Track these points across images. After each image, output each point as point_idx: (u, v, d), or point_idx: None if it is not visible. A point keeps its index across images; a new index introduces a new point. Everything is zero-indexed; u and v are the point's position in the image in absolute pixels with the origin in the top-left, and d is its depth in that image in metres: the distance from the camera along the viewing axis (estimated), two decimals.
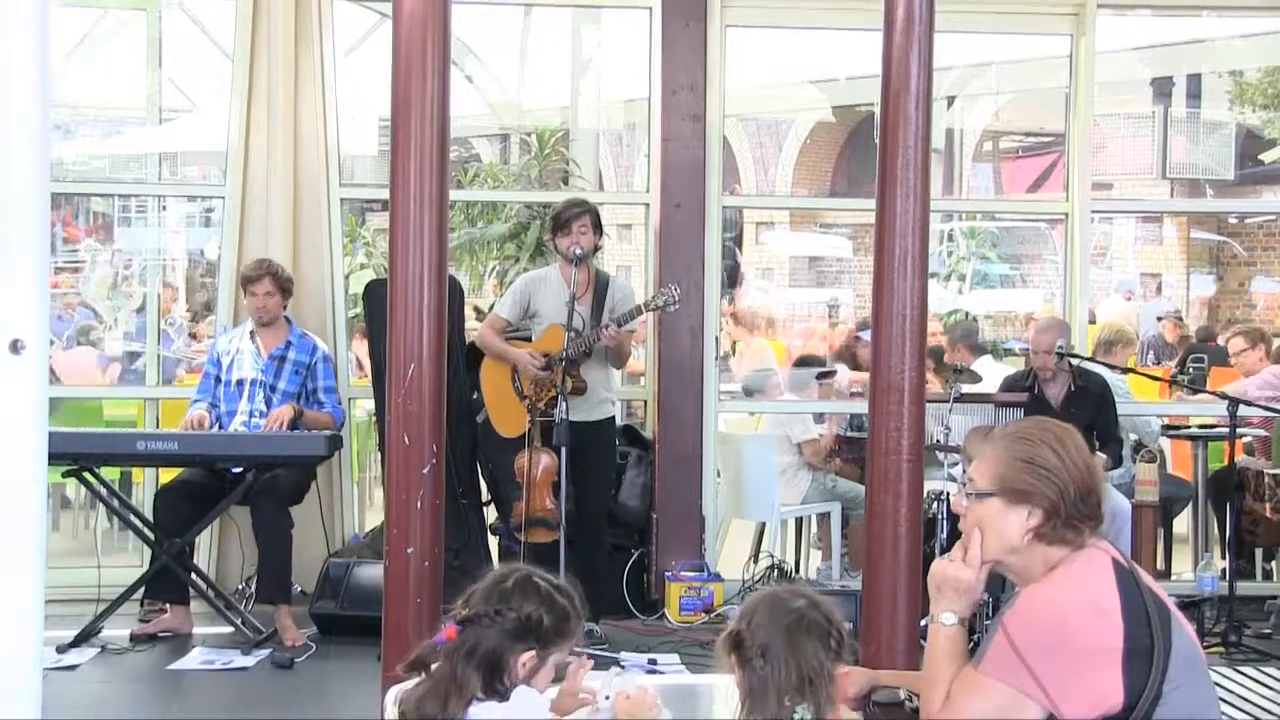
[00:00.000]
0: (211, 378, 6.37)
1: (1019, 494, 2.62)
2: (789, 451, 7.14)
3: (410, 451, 4.10)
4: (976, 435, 2.82)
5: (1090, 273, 7.38)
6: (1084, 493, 2.61)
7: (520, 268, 11.48)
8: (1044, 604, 2.55)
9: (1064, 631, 2.49)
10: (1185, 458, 7.89)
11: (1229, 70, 15.14)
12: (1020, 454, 2.64)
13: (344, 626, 5.98)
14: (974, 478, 2.70)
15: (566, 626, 2.50)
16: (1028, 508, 2.61)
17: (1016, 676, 2.48)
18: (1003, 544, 2.64)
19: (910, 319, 4.21)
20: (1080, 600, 2.53)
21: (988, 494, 2.65)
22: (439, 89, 4.15)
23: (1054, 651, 2.47)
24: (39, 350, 1.75)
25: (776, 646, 2.39)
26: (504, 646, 2.45)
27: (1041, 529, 2.60)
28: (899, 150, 4.22)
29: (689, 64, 6.81)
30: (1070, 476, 2.60)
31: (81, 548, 7.44)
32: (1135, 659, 2.48)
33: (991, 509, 2.64)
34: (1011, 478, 2.63)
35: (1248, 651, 5.90)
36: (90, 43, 10.79)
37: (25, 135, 1.75)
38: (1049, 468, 2.61)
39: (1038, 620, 2.52)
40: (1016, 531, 2.62)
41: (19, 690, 1.72)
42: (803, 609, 2.43)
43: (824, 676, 2.39)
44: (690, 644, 6.00)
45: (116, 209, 13.02)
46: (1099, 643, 2.48)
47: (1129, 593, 2.56)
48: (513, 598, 2.47)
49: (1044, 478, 2.60)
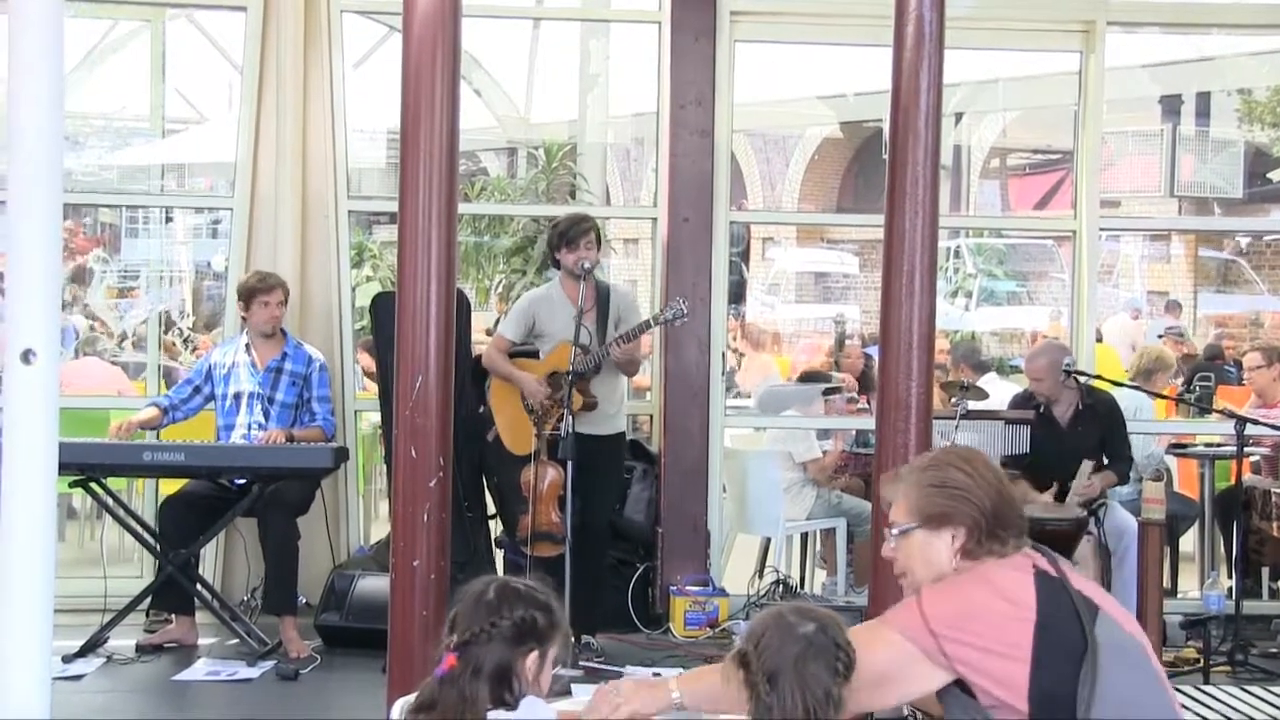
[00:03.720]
0: (190, 385, 6.33)
1: (938, 518, 2.69)
2: (793, 468, 7.13)
3: (417, 464, 4.11)
4: (887, 479, 2.86)
5: (1097, 291, 7.37)
6: (1001, 504, 2.69)
7: (527, 281, 11.50)
8: (965, 580, 2.64)
9: (974, 600, 2.59)
10: (1192, 476, 7.87)
11: (1238, 88, 15.15)
12: (930, 480, 2.72)
13: (349, 638, 5.97)
14: (893, 518, 2.77)
15: (555, 618, 2.54)
16: (950, 530, 2.69)
17: (911, 626, 2.58)
18: (934, 571, 2.70)
19: (918, 336, 4.21)
20: (995, 585, 2.62)
21: (910, 528, 2.72)
22: (448, 102, 4.16)
23: (957, 616, 2.57)
24: (49, 360, 1.76)
25: (784, 676, 2.38)
26: (507, 655, 2.47)
27: (968, 546, 2.67)
28: (908, 166, 4.23)
29: (697, 79, 6.82)
30: (984, 491, 2.69)
31: (88, 558, 7.45)
32: (1046, 651, 2.53)
33: (916, 542, 2.72)
34: (927, 505, 2.70)
35: (1254, 670, 5.87)
36: (99, 54, 10.84)
37: (38, 147, 1.76)
38: (961, 486, 2.69)
39: (952, 589, 2.63)
40: (945, 556, 2.69)
41: (28, 700, 1.72)
42: (810, 635, 2.41)
43: (831, 703, 2.38)
44: (695, 658, 5.97)
45: (124, 220, 13.06)
46: (1004, 621, 2.56)
47: (1047, 588, 2.62)
48: (502, 607, 2.50)
49: (958, 497, 2.68)
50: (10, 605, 1.75)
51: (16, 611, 1.74)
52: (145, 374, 7.96)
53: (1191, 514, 7.42)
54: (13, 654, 1.73)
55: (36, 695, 1.73)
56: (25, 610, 1.74)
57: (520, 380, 5.95)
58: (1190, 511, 7.42)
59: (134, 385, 8.54)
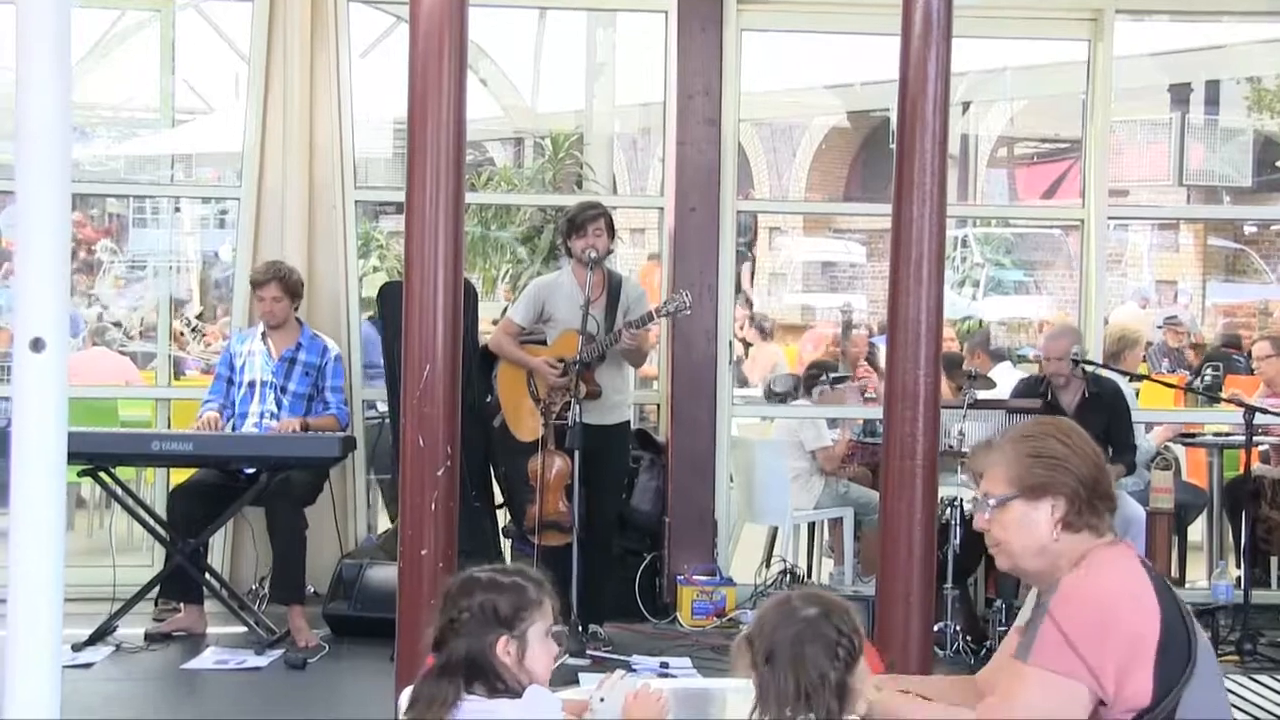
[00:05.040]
0: (224, 379, 6.38)
1: (1038, 489, 2.63)
2: (802, 457, 7.12)
3: (425, 454, 4.11)
4: (979, 450, 2.81)
5: (1105, 280, 7.35)
6: (1099, 475, 2.64)
7: (534, 271, 11.49)
8: (1091, 590, 2.55)
9: (1114, 615, 2.51)
10: (1200, 465, 7.86)
11: (1247, 76, 15.08)
12: (1028, 450, 2.66)
13: (357, 627, 5.98)
14: (988, 489, 2.70)
15: (524, 598, 2.51)
16: (1050, 500, 2.62)
17: (1068, 664, 2.48)
18: (1033, 543, 2.64)
19: (926, 325, 4.21)
20: (1122, 587, 2.55)
21: (1008, 498, 2.65)
22: (455, 92, 4.16)
23: (1104, 637, 2.48)
24: (59, 349, 1.76)
25: (779, 655, 2.38)
26: (475, 644, 2.47)
27: (1068, 517, 2.61)
28: (915, 155, 4.22)
29: (704, 68, 6.81)
30: (1082, 460, 2.63)
31: (96, 547, 7.46)
32: (1167, 651, 2.49)
33: (1015, 512, 2.65)
34: (1026, 475, 2.64)
35: (1263, 659, 5.88)
36: (106, 44, 10.84)
37: (47, 137, 1.76)
38: (1059, 456, 2.63)
39: (1087, 606, 2.53)
40: (1045, 527, 2.62)
41: (38, 690, 1.73)
42: (811, 618, 2.41)
43: (828, 689, 2.38)
44: (702, 648, 5.99)
45: (131, 210, 13.06)
46: (1140, 630, 2.50)
47: (1159, 584, 2.58)
48: (460, 599, 2.51)
49: (1058, 466, 2.62)
50: (20, 594, 1.76)
51: (26, 600, 1.74)
52: (154, 364, 7.99)
53: (1200, 503, 7.41)
54: (22, 642, 1.73)
55: (46, 684, 1.74)
56: (35, 599, 1.75)
57: (530, 362, 5.96)
58: (1198, 501, 7.42)
59: (142, 375, 8.56)
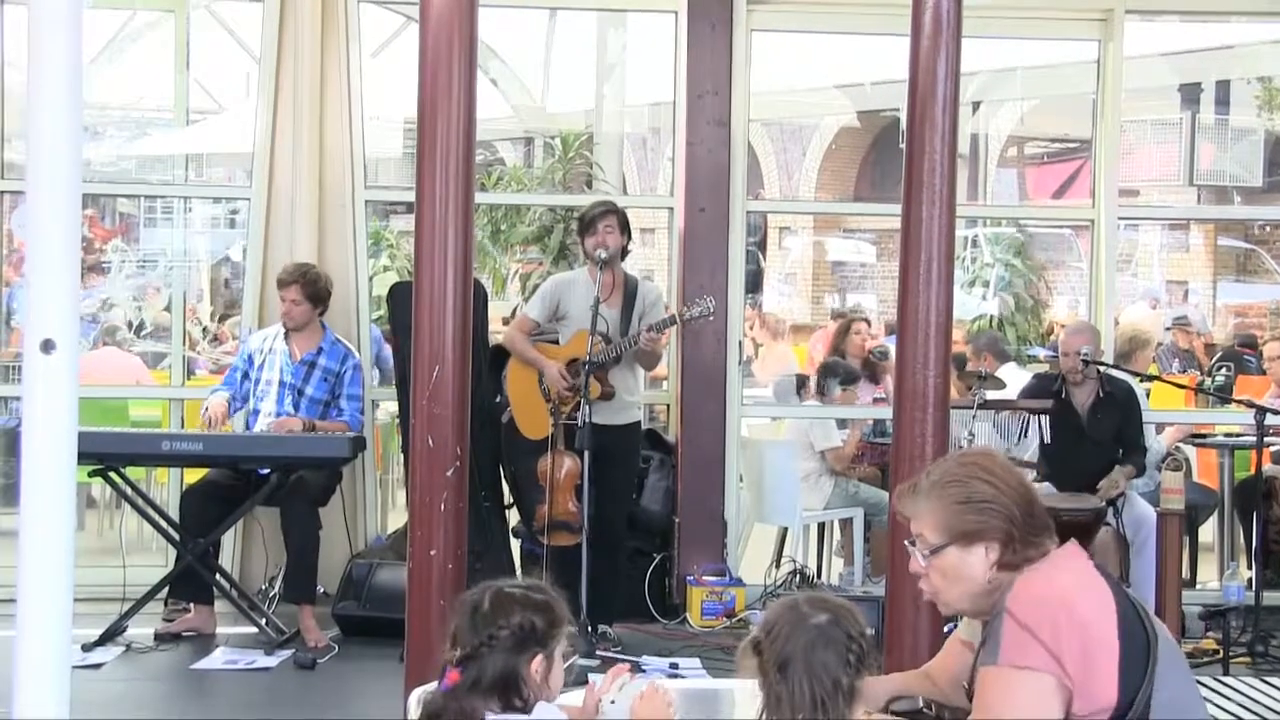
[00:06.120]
0: (239, 371, 6.38)
1: (970, 535, 2.60)
2: (812, 457, 7.12)
3: (434, 454, 4.11)
4: (905, 494, 2.77)
5: (1116, 280, 7.34)
6: (1029, 509, 2.61)
7: (544, 271, 11.50)
8: (1044, 582, 2.54)
9: (1068, 600, 2.49)
10: (1211, 466, 7.84)
11: (1257, 76, 15.04)
12: (956, 497, 2.63)
13: (366, 627, 5.98)
14: (920, 536, 2.68)
15: (556, 617, 2.52)
16: (983, 545, 2.60)
17: (1032, 655, 2.46)
18: (972, 588, 2.62)
19: (935, 325, 4.20)
20: (1075, 579, 2.55)
21: (941, 546, 2.63)
22: (465, 92, 4.16)
23: (1059, 621, 2.47)
24: (69, 350, 1.76)
25: (793, 665, 2.38)
26: (511, 663, 2.45)
27: (1003, 559, 2.59)
28: (925, 155, 4.21)
29: (714, 68, 6.80)
30: (1011, 499, 2.60)
31: (107, 547, 7.48)
32: (1127, 646, 2.47)
33: (950, 559, 2.63)
34: (956, 523, 2.61)
35: (1274, 661, 5.86)
36: (118, 44, 10.87)
37: (58, 136, 1.76)
38: (988, 499, 2.60)
39: (1041, 595, 2.51)
40: (980, 571, 2.60)
41: (47, 690, 1.73)
42: (822, 626, 2.41)
43: (841, 695, 2.38)
44: (712, 648, 5.99)
45: (142, 210, 13.08)
46: (1095, 617, 2.48)
47: (1112, 582, 2.58)
48: (499, 617, 2.47)
49: (987, 509, 2.60)
50: (30, 594, 1.76)
51: (36, 600, 1.75)
52: (167, 363, 8.01)
53: (1211, 504, 7.39)
54: (32, 642, 1.74)
55: (55, 683, 1.74)
56: (44, 599, 1.75)
57: (543, 366, 5.95)
58: (1209, 501, 7.40)
59: (153, 375, 8.58)
